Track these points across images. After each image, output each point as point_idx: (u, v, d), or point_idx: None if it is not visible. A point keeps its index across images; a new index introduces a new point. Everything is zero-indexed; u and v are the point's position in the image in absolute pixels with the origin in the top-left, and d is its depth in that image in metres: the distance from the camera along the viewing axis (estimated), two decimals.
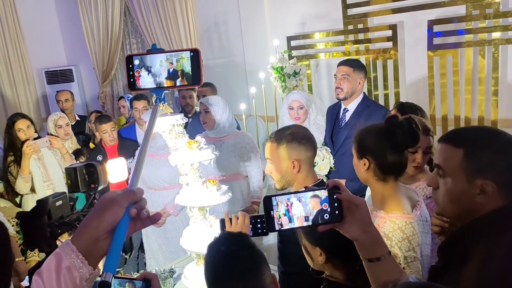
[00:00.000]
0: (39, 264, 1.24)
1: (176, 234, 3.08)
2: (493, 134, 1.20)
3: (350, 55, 4.42)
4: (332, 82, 3.77)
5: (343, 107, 3.27)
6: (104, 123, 3.66)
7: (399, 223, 1.57)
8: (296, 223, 1.04)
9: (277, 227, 1.04)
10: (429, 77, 4.01)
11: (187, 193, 2.27)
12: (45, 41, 6.98)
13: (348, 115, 3.23)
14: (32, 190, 3.43)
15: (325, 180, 2.92)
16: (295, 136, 1.85)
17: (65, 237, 1.32)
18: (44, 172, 3.48)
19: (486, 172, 1.12)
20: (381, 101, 4.35)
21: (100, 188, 1.46)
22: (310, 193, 1.05)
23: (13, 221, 3.00)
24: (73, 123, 4.48)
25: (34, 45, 6.85)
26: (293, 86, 4.45)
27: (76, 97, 6.71)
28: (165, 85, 0.93)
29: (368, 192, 1.94)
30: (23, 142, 3.35)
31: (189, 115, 4.08)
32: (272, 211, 1.04)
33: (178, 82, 0.94)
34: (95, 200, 1.47)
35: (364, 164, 1.66)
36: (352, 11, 4.39)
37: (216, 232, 2.19)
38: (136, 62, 0.94)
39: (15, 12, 6.57)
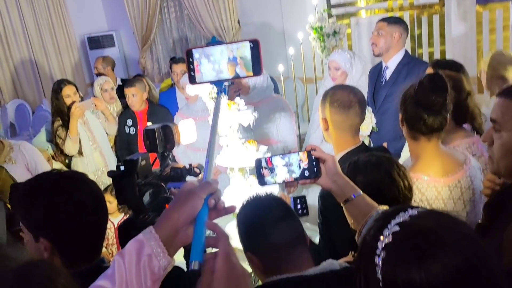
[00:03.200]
0: (127, 221, 1.33)
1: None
2: None
3: (393, 12, 4.24)
4: None
5: (384, 65, 3.19)
6: (126, 87, 3.63)
7: (418, 184, 1.55)
8: (281, 179, 1.26)
9: (266, 183, 1.27)
10: (477, 33, 3.81)
11: (227, 154, 2.32)
12: (86, 8, 7.10)
13: (388, 73, 3.15)
14: (80, 153, 3.57)
15: (366, 142, 2.89)
16: (332, 97, 1.85)
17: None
18: (90, 135, 3.61)
19: None
20: (426, 59, 4.19)
21: (174, 148, 1.54)
22: (293, 154, 1.26)
23: None
24: (116, 87, 4.57)
25: (76, 12, 6.99)
26: (333, 47, 4.34)
27: (117, 62, 6.87)
28: (227, 71, 0.93)
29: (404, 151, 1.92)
30: (69, 106, 3.46)
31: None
32: (261, 170, 1.27)
33: (238, 69, 0.94)
34: (170, 160, 1.54)
35: (401, 119, 1.65)
36: None
37: (255, 192, 2.25)
38: (196, 55, 0.95)
39: None
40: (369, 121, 2.83)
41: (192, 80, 0.96)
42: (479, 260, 0.71)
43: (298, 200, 1.87)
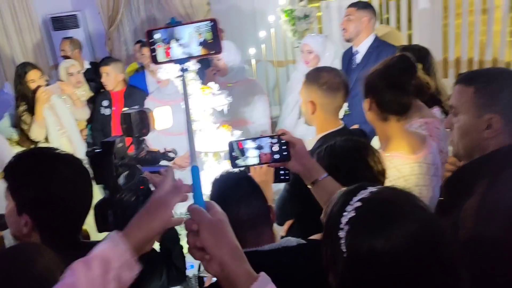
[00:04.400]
0: (104, 200, 1.33)
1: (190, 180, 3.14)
2: (502, 72, 1.31)
3: None
4: None
5: (354, 49, 3.23)
6: (100, 65, 3.54)
7: (394, 162, 1.61)
8: (252, 162, 1.32)
9: (238, 165, 1.32)
10: (443, 17, 3.91)
11: (201, 138, 2.31)
12: None
13: (358, 57, 3.20)
14: (46, 139, 3.47)
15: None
16: (318, 79, 1.87)
17: None
18: (57, 120, 3.50)
19: (493, 106, 1.21)
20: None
21: (150, 133, 1.56)
22: (264, 138, 1.31)
23: None
24: (83, 71, 4.44)
25: None
26: (304, 30, 4.36)
27: (82, 44, 6.64)
28: (193, 49, 0.95)
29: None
30: (34, 90, 3.35)
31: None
32: (233, 152, 1.32)
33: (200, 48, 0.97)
34: (144, 145, 1.55)
35: (367, 104, 1.69)
36: None
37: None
38: (156, 36, 0.96)
39: None
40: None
41: (154, 60, 0.98)
42: (433, 228, 0.81)
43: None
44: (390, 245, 0.76)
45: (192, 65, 2.38)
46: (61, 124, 3.52)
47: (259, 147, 1.31)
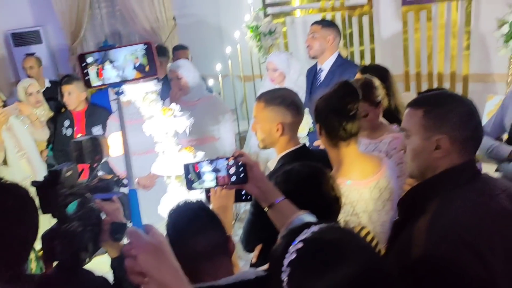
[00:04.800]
0: (51, 230, 1.29)
1: (154, 202, 3.10)
2: (450, 96, 1.35)
3: (326, 12, 4.36)
4: None
5: (318, 66, 3.27)
6: (63, 84, 3.41)
7: (342, 189, 1.59)
8: (209, 185, 1.31)
9: (193, 188, 1.31)
10: (403, 32, 4.02)
11: (164, 161, 2.28)
12: (9, 1, 6.62)
13: (323, 75, 3.24)
14: (4, 162, 3.34)
15: (306, 142, 2.96)
16: (284, 100, 1.85)
17: None
18: (15, 142, 3.39)
19: (441, 128, 1.24)
20: (357, 57, 4.36)
21: (103, 160, 1.54)
22: (221, 160, 1.29)
23: None
24: (43, 90, 4.32)
25: None
26: (269, 46, 4.39)
27: (45, 59, 6.46)
28: (130, 72, 0.94)
29: None
30: None
31: (160, 78, 3.99)
32: (189, 175, 1.30)
33: (134, 71, 0.96)
34: (98, 172, 1.52)
35: (318, 129, 1.71)
36: None
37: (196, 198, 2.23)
38: (89, 59, 0.94)
39: None
40: (306, 122, 2.90)
41: (87, 84, 0.96)
42: (374, 269, 0.81)
43: None
44: None
45: (154, 86, 2.36)
46: (20, 146, 3.40)
47: (216, 170, 1.29)
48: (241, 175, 1.28)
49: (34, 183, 1.32)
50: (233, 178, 1.28)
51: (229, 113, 3.35)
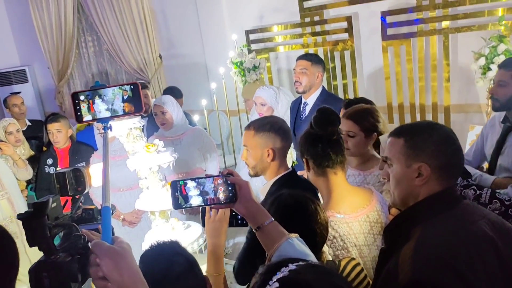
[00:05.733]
0: (38, 263, 1.25)
1: (138, 238, 3.05)
2: (429, 124, 1.37)
3: (308, 47, 4.47)
4: (292, 75, 3.81)
5: (303, 101, 3.32)
6: (49, 123, 3.44)
7: (331, 221, 1.60)
8: (196, 203, 1.26)
9: (180, 206, 1.26)
10: (384, 66, 4.11)
11: (148, 197, 2.25)
12: None
13: (307, 109, 3.28)
14: None
15: None
16: (273, 126, 1.90)
17: None
18: None
19: (421, 155, 1.27)
20: (340, 91, 4.44)
21: (86, 191, 1.51)
22: (209, 179, 1.25)
23: None
24: (24, 129, 4.30)
25: None
26: (253, 80, 4.46)
27: (31, 98, 6.48)
28: (119, 109, 1.04)
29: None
30: None
31: (145, 115, 4.01)
32: (176, 193, 1.25)
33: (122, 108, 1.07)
34: (81, 203, 1.51)
35: (305, 165, 1.71)
36: (308, 4, 4.42)
37: (177, 235, 2.19)
38: (82, 97, 1.04)
39: None
40: (290, 156, 2.91)
41: (79, 119, 1.05)
42: None
43: None
44: None
45: (138, 122, 2.36)
46: (2, 185, 3.35)
47: (204, 188, 1.26)
48: (230, 194, 1.25)
49: (19, 216, 1.31)
50: (222, 197, 1.26)
51: (213, 143, 3.36)
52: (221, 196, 1.25)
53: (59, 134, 3.44)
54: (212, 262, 1.46)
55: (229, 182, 1.25)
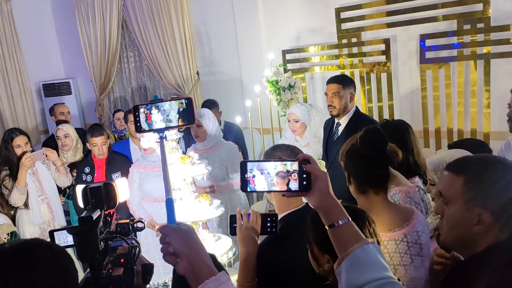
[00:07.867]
0: (88, 279, 1.22)
1: None
2: (494, 164, 1.18)
3: (345, 69, 4.47)
4: None
5: (336, 121, 3.31)
6: (95, 136, 3.55)
7: None
8: (267, 188, 1.15)
9: (249, 189, 1.16)
10: (422, 90, 4.06)
11: (180, 208, 2.29)
12: (43, 55, 7.04)
13: (340, 129, 3.27)
14: (26, 205, 3.42)
15: None
16: (294, 155, 1.87)
17: None
18: (38, 186, 3.49)
19: (483, 201, 1.12)
20: (375, 113, 4.40)
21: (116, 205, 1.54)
22: (283, 163, 1.14)
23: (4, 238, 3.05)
24: None
25: (32, 58, 6.90)
26: (288, 100, 4.49)
27: (73, 109, 6.75)
28: (174, 120, 1.15)
29: None
30: (19, 156, 3.37)
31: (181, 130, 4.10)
32: (246, 174, 1.16)
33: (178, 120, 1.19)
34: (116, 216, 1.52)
35: (347, 177, 1.70)
36: (346, 25, 4.45)
37: (207, 247, 2.21)
38: (142, 109, 1.16)
39: (13, 26, 6.62)
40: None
41: (139, 129, 1.17)
42: None
43: (269, 218, 1.66)
44: None
45: (174, 135, 2.42)
46: (42, 190, 3.49)
47: (275, 172, 1.14)
48: (304, 182, 1.13)
49: (71, 231, 1.27)
50: (294, 185, 1.14)
51: (240, 155, 3.39)
52: (293, 183, 1.13)
53: (104, 146, 3.55)
54: (244, 271, 1.45)
55: (304, 169, 1.13)
